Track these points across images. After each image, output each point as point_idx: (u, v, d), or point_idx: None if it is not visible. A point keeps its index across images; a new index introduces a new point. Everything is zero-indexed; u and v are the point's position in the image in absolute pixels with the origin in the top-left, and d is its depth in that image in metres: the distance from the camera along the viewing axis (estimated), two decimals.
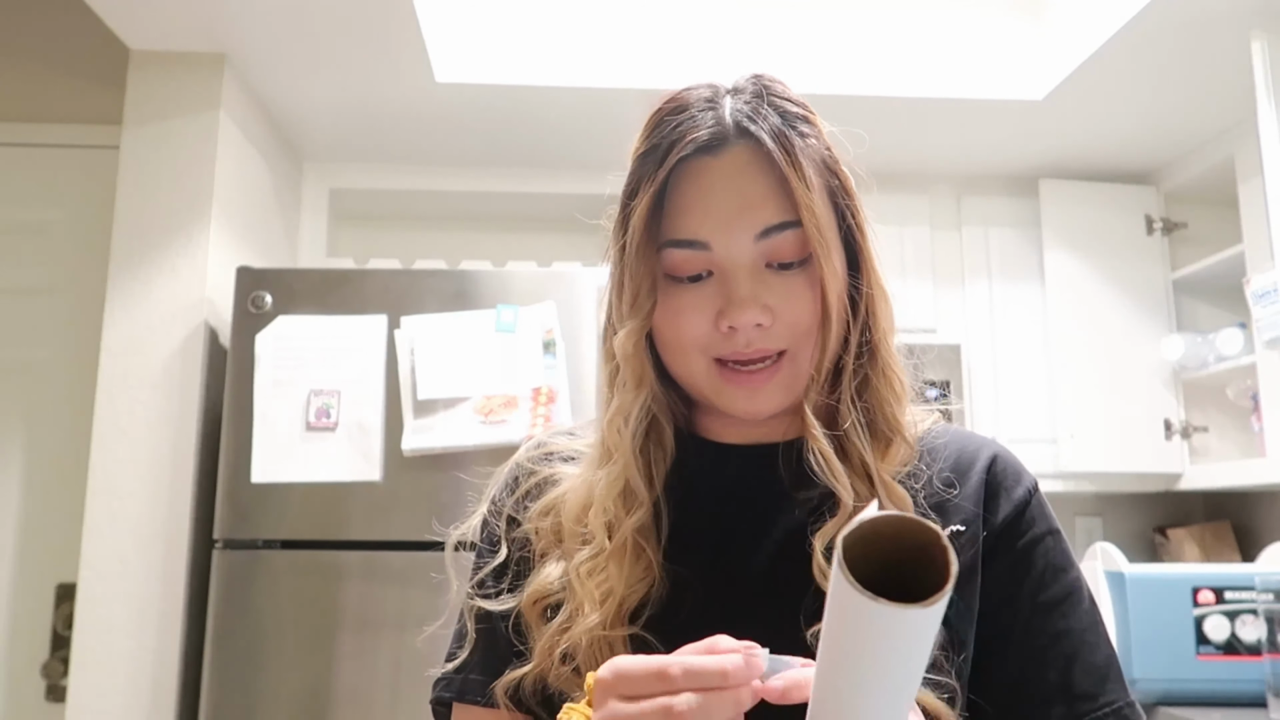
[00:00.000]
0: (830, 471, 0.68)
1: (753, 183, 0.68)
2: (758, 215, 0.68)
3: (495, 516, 0.81)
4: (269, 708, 1.80)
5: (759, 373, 0.70)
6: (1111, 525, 2.73)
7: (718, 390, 0.71)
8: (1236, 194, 2.31)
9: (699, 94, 0.71)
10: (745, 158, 0.68)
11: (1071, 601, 0.71)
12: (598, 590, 0.69)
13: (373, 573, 1.84)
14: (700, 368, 0.71)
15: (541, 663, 0.69)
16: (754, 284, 0.68)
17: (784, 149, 0.68)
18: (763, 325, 0.69)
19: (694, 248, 0.69)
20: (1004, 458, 0.76)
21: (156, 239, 1.98)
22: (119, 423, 1.91)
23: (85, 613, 1.86)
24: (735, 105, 0.70)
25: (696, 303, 0.70)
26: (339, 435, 1.88)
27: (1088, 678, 0.69)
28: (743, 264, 0.69)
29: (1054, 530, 0.74)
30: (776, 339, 0.69)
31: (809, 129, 0.71)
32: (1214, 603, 1.95)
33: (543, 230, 2.78)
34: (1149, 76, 2.13)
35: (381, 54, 2.07)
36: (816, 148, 0.70)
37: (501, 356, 1.91)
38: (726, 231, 0.68)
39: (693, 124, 0.69)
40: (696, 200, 0.69)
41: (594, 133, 2.41)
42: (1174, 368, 2.50)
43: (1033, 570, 0.71)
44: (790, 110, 0.70)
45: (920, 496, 0.71)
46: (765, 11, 2.25)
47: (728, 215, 0.68)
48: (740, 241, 0.68)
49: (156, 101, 2.03)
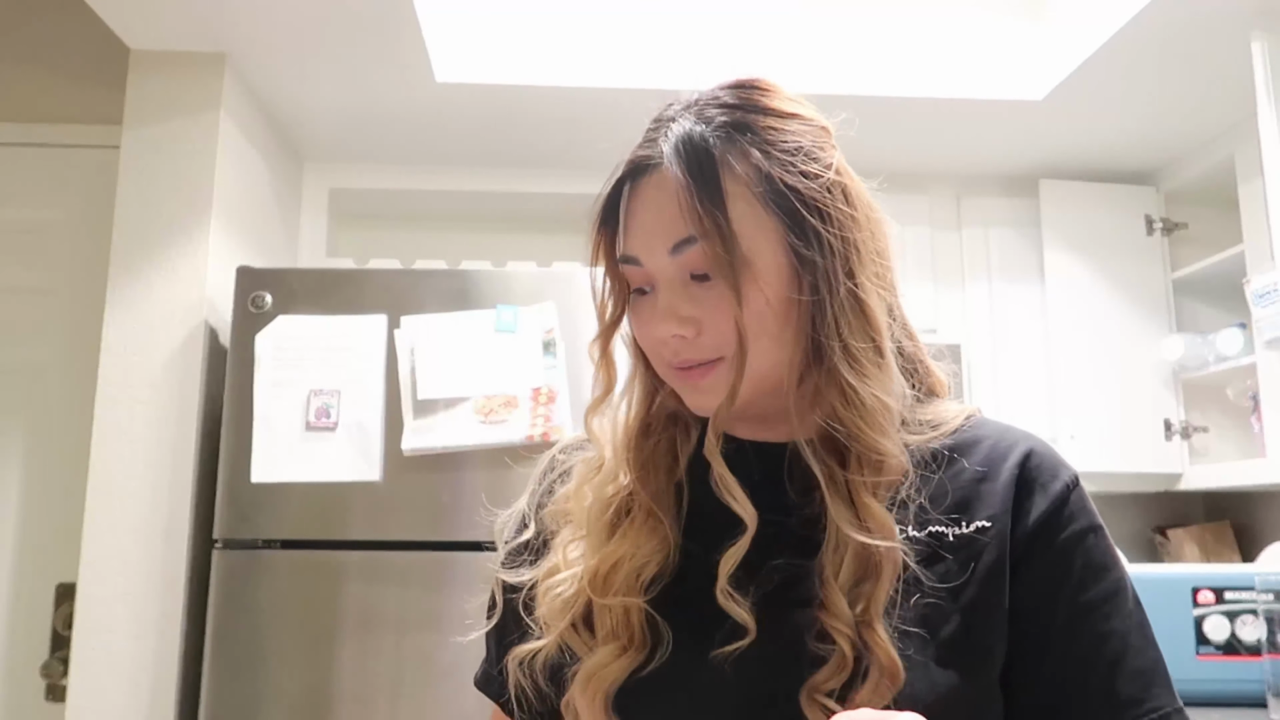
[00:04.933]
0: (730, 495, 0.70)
1: (669, 199, 0.69)
2: (669, 231, 0.70)
3: (529, 502, 0.85)
4: (269, 708, 1.80)
5: (694, 370, 0.72)
6: (1111, 525, 2.67)
7: (679, 389, 0.74)
8: (1236, 194, 2.30)
9: (662, 111, 0.74)
10: (669, 175, 0.70)
11: (1115, 603, 0.69)
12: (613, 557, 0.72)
13: (373, 573, 1.84)
14: (665, 371, 0.74)
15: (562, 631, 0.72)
16: (670, 296, 0.71)
17: (691, 162, 0.68)
18: (684, 336, 0.70)
19: (630, 263, 0.73)
20: (1040, 452, 0.74)
21: (156, 239, 1.98)
22: (119, 423, 1.91)
23: (85, 613, 1.86)
24: (674, 121, 0.72)
25: (645, 315, 0.73)
26: (339, 435, 1.87)
27: (1132, 683, 0.67)
28: (663, 278, 0.71)
29: (1095, 526, 0.72)
30: (703, 349, 0.70)
31: (747, 135, 0.70)
32: (1214, 603, 1.95)
33: (543, 230, 2.78)
34: (1149, 76, 2.13)
35: (381, 54, 2.07)
36: (751, 155, 0.69)
37: (501, 356, 1.91)
38: (647, 248, 0.71)
39: (641, 144, 0.73)
40: (630, 218, 0.72)
41: (594, 133, 2.41)
42: (1174, 368, 2.50)
43: (1073, 569, 0.70)
44: (720, 120, 0.70)
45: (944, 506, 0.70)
46: (765, 11, 2.25)
47: (646, 232, 0.71)
48: (658, 257, 0.71)
49: (156, 101, 2.03)
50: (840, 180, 0.72)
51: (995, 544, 0.69)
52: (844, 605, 0.65)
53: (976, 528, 0.69)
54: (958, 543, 0.69)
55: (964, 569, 0.68)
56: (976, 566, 0.68)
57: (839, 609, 0.65)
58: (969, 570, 0.68)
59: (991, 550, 0.69)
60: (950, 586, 0.67)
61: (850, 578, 0.66)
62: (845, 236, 0.70)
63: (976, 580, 0.68)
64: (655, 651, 0.69)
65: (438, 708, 1.80)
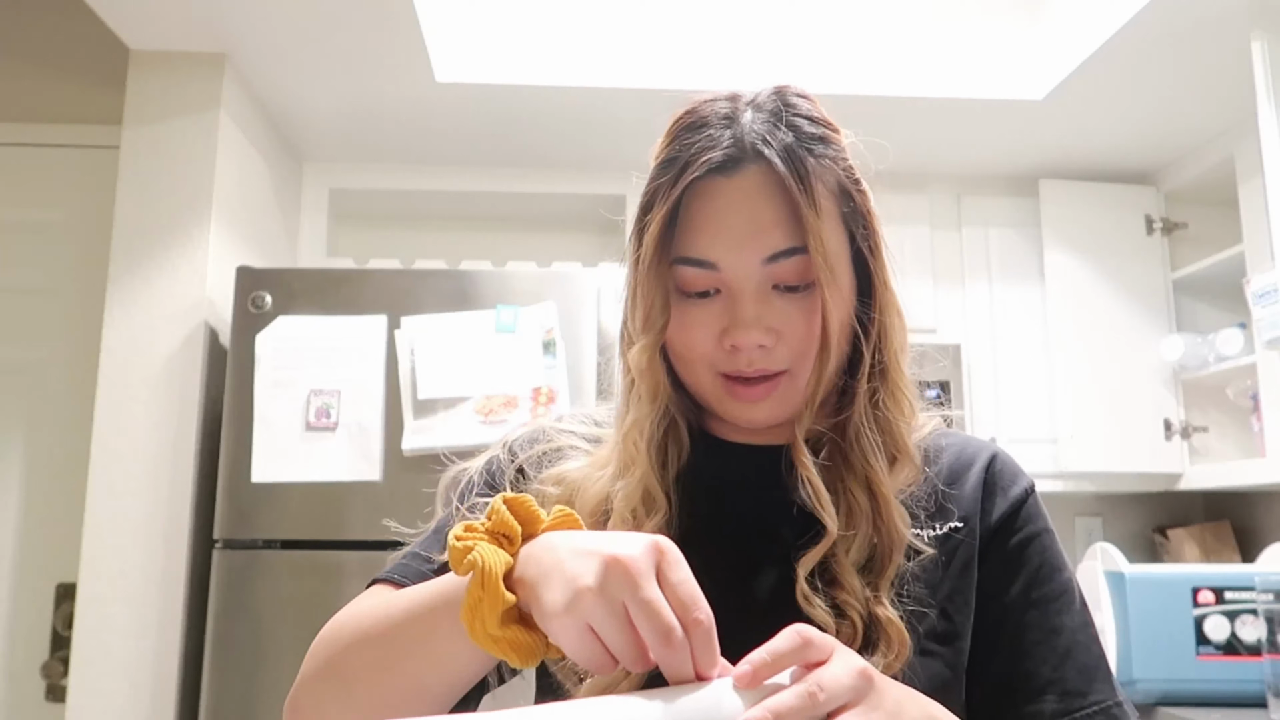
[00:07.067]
0: (817, 500, 0.69)
1: (764, 206, 0.68)
2: (766, 239, 0.68)
3: (507, 460, 0.81)
4: (269, 708, 1.80)
5: (757, 386, 0.71)
6: (1111, 525, 2.73)
7: (720, 400, 0.73)
8: (1236, 194, 2.30)
9: (718, 108, 0.71)
10: (758, 180, 0.69)
11: (1065, 600, 0.73)
12: None
13: (372, 573, 1.83)
14: (706, 380, 0.73)
15: None
16: (759, 306, 0.69)
17: (796, 174, 0.68)
18: (765, 346, 0.70)
19: (703, 267, 0.70)
20: (1003, 459, 0.78)
21: (156, 239, 1.98)
22: (119, 423, 1.91)
23: (85, 613, 1.86)
24: (752, 124, 0.70)
25: (703, 319, 0.71)
26: (339, 435, 1.88)
27: (1080, 675, 0.71)
28: (749, 285, 0.69)
29: (1048, 529, 0.76)
30: (778, 360, 0.71)
31: (826, 149, 0.71)
32: (1214, 603, 1.95)
33: (543, 230, 2.78)
34: (1149, 76, 2.13)
35: (381, 54, 2.07)
36: (833, 169, 0.70)
37: (501, 356, 1.91)
38: (735, 253, 0.69)
39: (709, 142, 0.69)
40: (708, 220, 0.69)
41: (594, 133, 2.41)
42: (1174, 368, 2.49)
43: (1027, 566, 0.73)
44: (807, 130, 0.70)
45: (921, 508, 0.73)
46: (765, 11, 2.25)
47: (737, 238, 0.69)
48: (748, 264, 0.69)
49: (156, 101, 2.03)
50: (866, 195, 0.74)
51: (967, 542, 0.73)
52: (858, 583, 0.67)
53: (951, 527, 0.73)
54: (934, 541, 0.72)
55: (941, 566, 0.72)
56: (952, 562, 0.72)
57: (851, 585, 0.67)
58: (946, 567, 0.72)
59: (965, 548, 0.73)
60: (930, 582, 0.70)
61: (861, 558, 0.69)
62: (877, 241, 0.73)
63: (952, 575, 0.72)
64: None
65: None
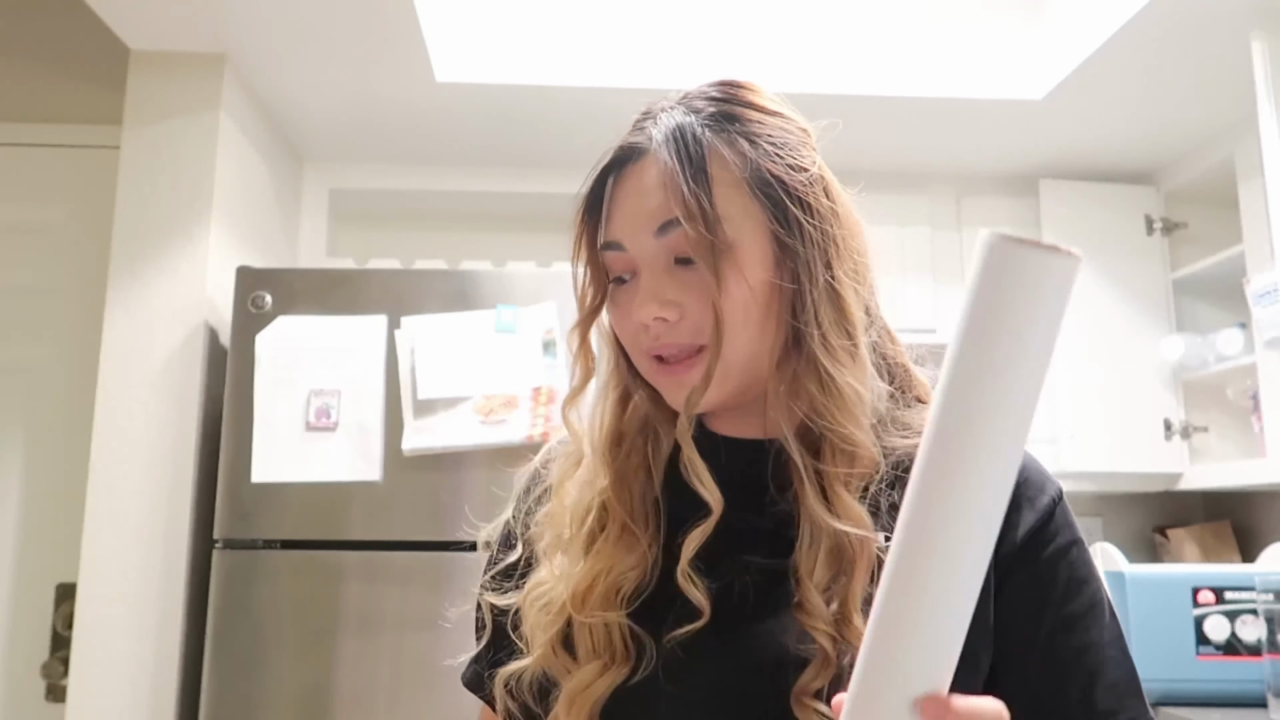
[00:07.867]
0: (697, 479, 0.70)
1: (655, 184, 0.70)
2: (655, 214, 0.70)
3: (515, 518, 0.84)
4: (269, 708, 1.80)
5: (678, 364, 0.71)
6: (1111, 525, 2.73)
7: (658, 383, 0.74)
8: (1236, 194, 2.30)
9: (649, 106, 0.75)
10: (654, 163, 0.71)
11: (1094, 615, 0.70)
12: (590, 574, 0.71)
13: (373, 573, 1.84)
14: (643, 364, 0.74)
15: (543, 653, 0.71)
16: (655, 279, 0.71)
17: (676, 146, 0.70)
18: (667, 319, 0.70)
19: (614, 249, 0.73)
20: (1028, 465, 0.73)
21: (156, 239, 1.98)
22: (119, 423, 1.91)
23: (85, 613, 1.86)
24: (667, 112, 0.73)
25: (624, 301, 0.73)
26: (339, 435, 1.87)
27: (1109, 695, 0.68)
28: (648, 262, 0.71)
29: (1077, 540, 0.72)
30: (685, 333, 0.71)
31: (737, 126, 0.72)
32: (1214, 603, 1.95)
33: (543, 230, 2.78)
34: (1149, 76, 2.13)
35: (381, 54, 2.07)
36: (742, 146, 0.71)
37: (501, 356, 1.91)
38: (632, 231, 0.72)
39: (625, 135, 0.74)
40: (616, 205, 0.73)
41: (594, 133, 2.39)
42: (1174, 368, 2.49)
43: (1056, 583, 0.70)
44: (708, 111, 0.72)
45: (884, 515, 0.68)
46: (764, 11, 2.25)
47: (632, 215, 0.72)
48: (642, 240, 0.71)
49: (156, 101, 2.03)
50: (823, 176, 0.74)
51: None
52: (820, 603, 0.65)
53: None
54: None
55: None
56: None
57: (816, 608, 0.65)
58: None
59: None
60: None
61: (825, 574, 0.66)
62: (825, 230, 0.72)
63: None
64: (640, 664, 0.69)
65: (437, 708, 1.79)
